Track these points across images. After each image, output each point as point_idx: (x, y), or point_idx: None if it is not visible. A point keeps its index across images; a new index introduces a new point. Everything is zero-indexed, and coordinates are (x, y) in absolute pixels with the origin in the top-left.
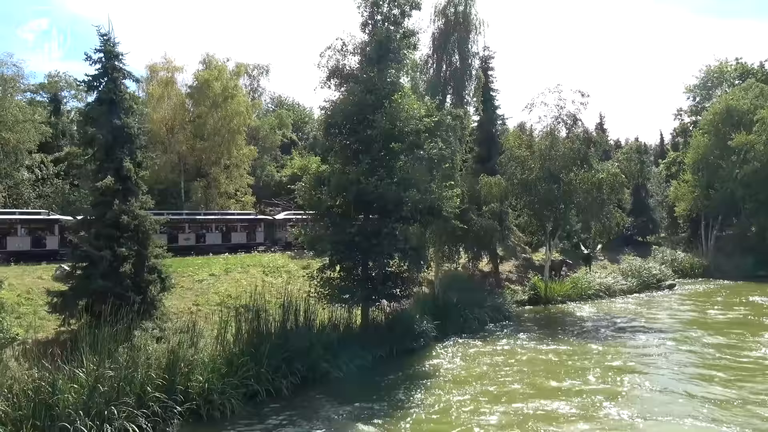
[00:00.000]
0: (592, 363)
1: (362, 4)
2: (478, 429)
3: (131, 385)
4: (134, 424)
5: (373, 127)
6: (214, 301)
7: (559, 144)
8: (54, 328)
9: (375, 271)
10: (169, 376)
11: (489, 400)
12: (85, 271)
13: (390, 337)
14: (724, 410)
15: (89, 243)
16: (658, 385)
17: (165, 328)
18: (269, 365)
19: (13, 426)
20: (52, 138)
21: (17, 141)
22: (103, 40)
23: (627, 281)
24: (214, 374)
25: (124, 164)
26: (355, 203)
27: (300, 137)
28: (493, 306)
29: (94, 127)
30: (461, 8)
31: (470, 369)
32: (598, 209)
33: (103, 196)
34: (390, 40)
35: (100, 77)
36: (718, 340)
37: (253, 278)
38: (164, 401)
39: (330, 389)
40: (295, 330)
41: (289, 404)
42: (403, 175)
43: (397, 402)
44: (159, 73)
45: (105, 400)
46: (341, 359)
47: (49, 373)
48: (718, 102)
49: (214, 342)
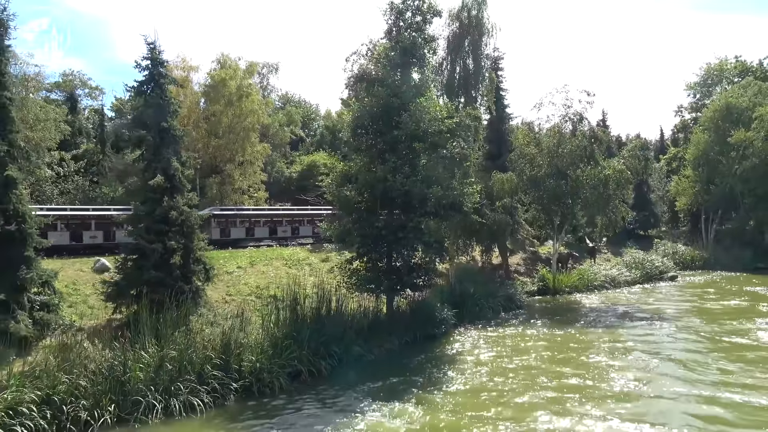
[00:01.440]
0: (602, 344)
1: (387, 11)
2: (502, 398)
3: (192, 365)
4: (197, 398)
5: (399, 128)
6: (245, 292)
7: (567, 142)
8: (104, 316)
9: (400, 263)
10: (224, 356)
11: (510, 375)
12: (136, 263)
13: (413, 324)
14: (720, 379)
15: (141, 237)
16: (662, 360)
17: (217, 314)
18: (309, 348)
19: (93, 399)
20: (70, 136)
21: (39, 139)
22: (150, 49)
23: (631, 273)
24: (262, 355)
25: (171, 163)
26: (381, 199)
27: (307, 134)
28: (505, 296)
29: (143, 129)
30: (474, 12)
31: (490, 350)
32: (604, 204)
33: (153, 193)
34: (415, 47)
35: (147, 83)
36: (716, 324)
37: (277, 270)
38: (221, 379)
39: (364, 369)
40: (330, 317)
41: (329, 382)
42: (426, 173)
43: (427, 379)
44: (173, 72)
45: (169, 378)
46: (372, 343)
47: (120, 353)
48: (717, 99)
49: (259, 327)
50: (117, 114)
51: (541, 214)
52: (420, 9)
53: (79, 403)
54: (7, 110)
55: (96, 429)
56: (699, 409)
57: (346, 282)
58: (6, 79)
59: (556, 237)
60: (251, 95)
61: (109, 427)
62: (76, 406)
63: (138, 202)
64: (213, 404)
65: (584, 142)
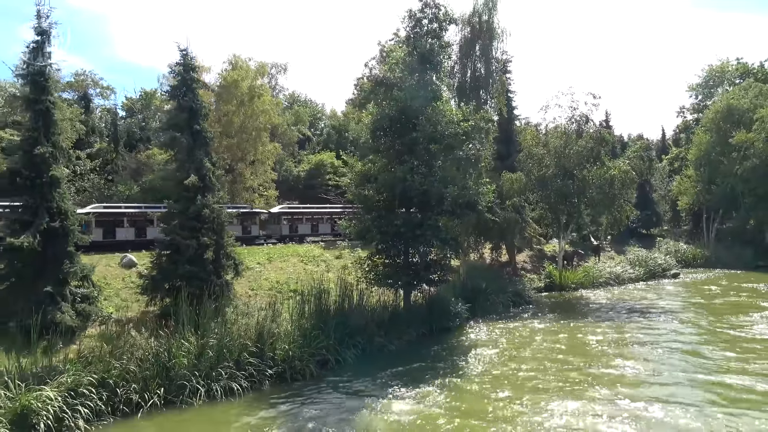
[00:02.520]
0: (609, 336)
1: (405, 19)
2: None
3: (230, 352)
4: (236, 383)
5: (416, 131)
6: (266, 287)
7: (573, 143)
8: (138, 309)
9: (418, 259)
10: (259, 345)
11: (523, 363)
12: (170, 258)
13: (430, 317)
14: (720, 366)
15: (176, 233)
16: (665, 350)
17: (249, 306)
18: (335, 338)
19: (143, 383)
20: (85, 135)
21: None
22: (182, 55)
23: (635, 270)
24: (293, 344)
25: (204, 164)
26: (399, 198)
27: (313, 133)
28: (514, 291)
29: (177, 131)
30: (485, 18)
31: (503, 341)
32: (610, 203)
33: (186, 192)
34: (432, 54)
35: (179, 87)
36: (717, 318)
37: (295, 267)
38: (257, 365)
39: (387, 358)
40: (352, 310)
41: (354, 370)
42: (443, 173)
43: (448, 366)
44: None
45: (210, 364)
46: (391, 335)
47: (165, 341)
48: (719, 101)
49: (288, 318)
50: (128, 113)
51: (548, 212)
52: (437, 17)
53: (130, 386)
54: (51, 114)
55: (146, 410)
56: (700, 390)
57: (366, 277)
58: (49, 84)
59: (562, 235)
60: (263, 96)
61: (158, 408)
62: (127, 388)
63: (172, 201)
64: (250, 389)
65: (590, 143)
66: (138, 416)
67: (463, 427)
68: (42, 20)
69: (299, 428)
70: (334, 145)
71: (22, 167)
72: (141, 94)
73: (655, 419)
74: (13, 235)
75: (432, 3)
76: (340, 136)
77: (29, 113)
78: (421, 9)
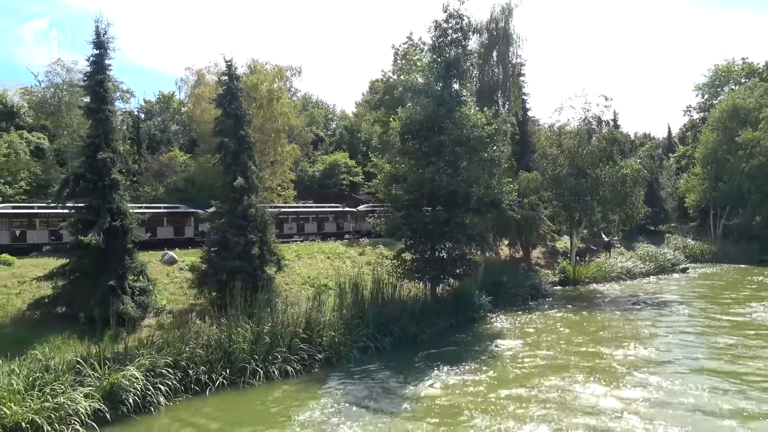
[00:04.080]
0: (624, 324)
1: (431, 29)
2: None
3: (283, 338)
4: (290, 366)
5: (444, 134)
6: (298, 281)
7: (586, 143)
8: (186, 301)
9: (445, 254)
10: (308, 332)
11: (547, 348)
12: (219, 254)
13: (456, 309)
14: (723, 348)
15: (226, 231)
16: (678, 335)
17: (297, 297)
18: (373, 327)
19: (209, 365)
20: None
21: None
22: (228, 65)
23: (645, 265)
24: (337, 332)
25: (249, 167)
26: (428, 197)
27: (326, 134)
28: (531, 285)
29: (225, 137)
30: (502, 24)
31: (526, 330)
32: (622, 201)
33: (233, 193)
34: (458, 62)
35: (225, 96)
36: (724, 308)
37: (322, 263)
38: (307, 350)
39: (420, 345)
40: (387, 301)
41: (392, 355)
42: (468, 173)
43: (478, 349)
44: (206, 77)
45: (266, 349)
46: (423, 324)
47: (226, 328)
48: (725, 100)
49: (331, 308)
50: (146, 116)
51: (562, 210)
52: (461, 27)
53: (199, 368)
54: (110, 122)
55: (213, 389)
56: (707, 367)
57: (395, 271)
58: (108, 95)
59: (575, 232)
60: (281, 98)
61: (224, 387)
62: (196, 370)
63: (219, 201)
64: (303, 371)
65: (603, 144)
66: (207, 394)
67: (501, 395)
68: (101, 36)
69: (353, 401)
70: (346, 145)
71: (85, 171)
72: (159, 97)
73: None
74: (78, 234)
75: (456, 13)
76: (352, 137)
77: (90, 121)
78: (446, 19)
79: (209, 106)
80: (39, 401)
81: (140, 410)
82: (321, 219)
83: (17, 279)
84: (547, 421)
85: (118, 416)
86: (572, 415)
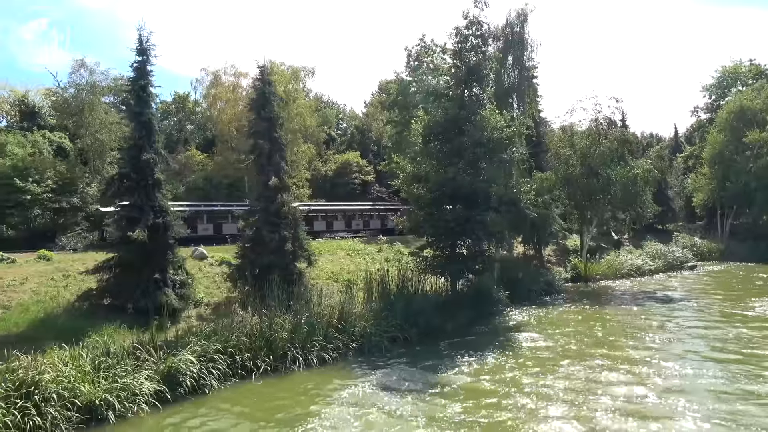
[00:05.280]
0: (636, 318)
1: (452, 35)
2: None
3: (319, 328)
4: (326, 354)
5: (466, 136)
6: (323, 276)
7: (598, 144)
8: (220, 294)
9: (466, 250)
10: (342, 322)
11: (564, 337)
12: (253, 250)
13: (476, 303)
14: (729, 337)
15: (262, 228)
16: (687, 327)
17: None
18: (400, 318)
19: (254, 351)
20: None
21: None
22: (261, 71)
23: (654, 262)
24: (368, 323)
25: (282, 167)
26: (449, 196)
27: (337, 133)
28: (545, 281)
29: (260, 139)
30: (517, 29)
31: (543, 322)
32: (633, 200)
33: (267, 191)
34: (479, 68)
35: (259, 100)
36: (731, 302)
37: (343, 259)
38: (342, 339)
39: (445, 336)
40: (412, 295)
41: (419, 345)
42: (488, 174)
43: (500, 338)
44: (222, 78)
45: (303, 338)
46: (445, 317)
47: (267, 318)
48: (732, 101)
49: (360, 301)
50: (162, 115)
51: (574, 209)
52: (481, 34)
53: (244, 354)
54: (152, 124)
55: (258, 374)
56: (720, 355)
57: (417, 266)
58: (150, 99)
59: (586, 230)
60: (297, 99)
61: (267, 373)
62: (242, 356)
63: (252, 199)
64: (338, 358)
65: (614, 145)
66: (252, 379)
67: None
68: (143, 43)
69: (388, 383)
70: (357, 144)
71: (130, 171)
72: (174, 97)
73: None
74: (123, 230)
75: (476, 20)
76: (363, 136)
77: (134, 124)
78: (466, 26)
79: (225, 106)
80: (107, 382)
81: (195, 392)
82: (348, 217)
83: (61, 273)
84: (572, 400)
85: (177, 397)
86: (594, 393)
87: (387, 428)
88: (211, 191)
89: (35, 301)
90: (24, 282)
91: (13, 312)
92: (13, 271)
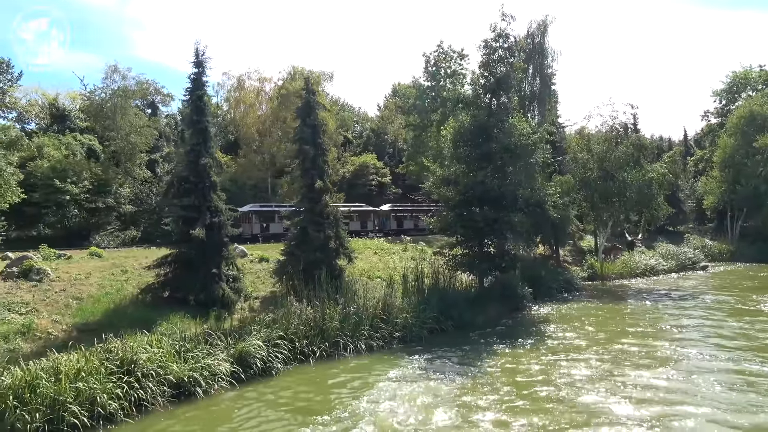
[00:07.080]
0: (652, 313)
1: (481, 47)
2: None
3: (366, 319)
4: (373, 342)
5: (495, 141)
6: (356, 273)
7: (614, 148)
8: (265, 289)
9: (494, 249)
10: (387, 314)
11: (587, 328)
12: (299, 247)
13: (502, 298)
14: (737, 331)
15: (308, 227)
16: (699, 319)
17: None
18: (437, 311)
19: (310, 339)
20: (156, 140)
21: (136, 144)
22: (306, 81)
23: (667, 263)
24: (408, 314)
25: (325, 170)
26: (478, 198)
27: (353, 136)
28: (564, 279)
29: (305, 144)
30: (538, 39)
31: (567, 316)
32: (647, 202)
33: (311, 193)
34: (508, 78)
35: (304, 108)
36: (741, 299)
37: (372, 257)
38: (386, 329)
39: (476, 328)
40: (445, 290)
41: (455, 335)
42: (515, 177)
43: (529, 329)
44: (246, 82)
45: (353, 327)
46: (476, 310)
47: (320, 309)
48: (742, 106)
49: (399, 295)
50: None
51: (590, 211)
52: (509, 47)
53: (302, 341)
54: (208, 131)
55: (314, 359)
56: (736, 342)
57: (447, 264)
58: (206, 107)
59: (602, 231)
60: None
61: (322, 358)
62: (300, 342)
63: (297, 200)
64: (384, 346)
65: (630, 149)
66: (310, 363)
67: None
68: (199, 56)
69: (432, 366)
70: (372, 147)
71: (189, 174)
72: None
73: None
74: (179, 228)
75: (503, 33)
76: (379, 139)
77: (191, 131)
78: (494, 38)
79: (249, 110)
80: (190, 363)
81: (264, 373)
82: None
83: (118, 268)
84: (600, 377)
85: (248, 377)
86: (621, 372)
87: (439, 394)
88: (236, 192)
89: (104, 294)
90: (88, 276)
91: (86, 303)
92: (75, 266)
